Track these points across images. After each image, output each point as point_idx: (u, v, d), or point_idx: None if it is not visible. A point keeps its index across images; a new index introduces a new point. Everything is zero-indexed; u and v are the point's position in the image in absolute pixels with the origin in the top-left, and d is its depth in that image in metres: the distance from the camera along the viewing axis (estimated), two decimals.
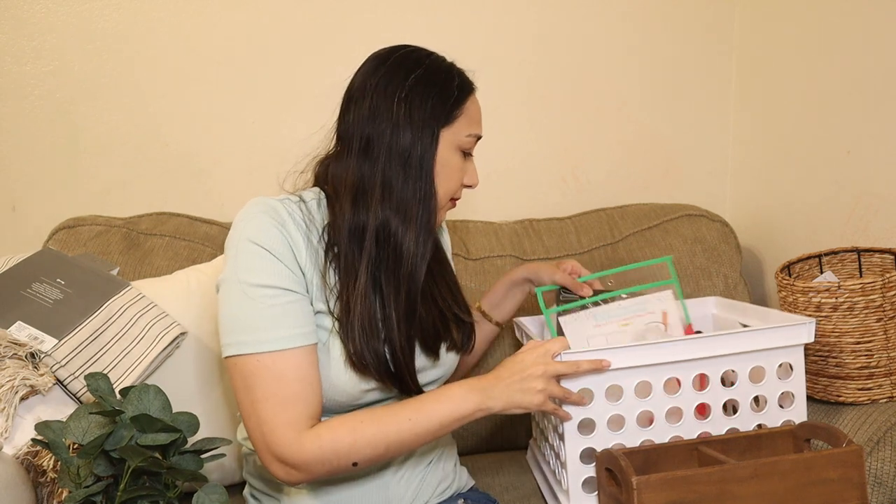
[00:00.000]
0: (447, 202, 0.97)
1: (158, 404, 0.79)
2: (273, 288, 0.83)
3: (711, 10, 1.65)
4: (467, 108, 0.95)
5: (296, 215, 0.88)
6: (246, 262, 0.84)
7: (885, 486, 0.97)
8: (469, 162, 0.99)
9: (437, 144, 0.92)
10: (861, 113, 1.29)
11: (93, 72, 1.48)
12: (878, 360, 1.09)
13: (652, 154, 1.68)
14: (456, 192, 0.97)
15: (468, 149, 0.97)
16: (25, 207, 1.50)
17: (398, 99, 0.90)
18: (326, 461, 0.82)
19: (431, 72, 0.93)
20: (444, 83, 0.93)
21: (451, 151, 0.94)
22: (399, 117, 0.89)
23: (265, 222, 0.85)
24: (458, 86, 0.94)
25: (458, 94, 0.93)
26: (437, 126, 0.91)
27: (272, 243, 0.84)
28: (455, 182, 0.96)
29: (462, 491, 1.06)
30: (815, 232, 1.42)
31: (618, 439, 0.94)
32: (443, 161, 0.93)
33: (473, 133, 0.96)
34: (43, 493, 0.88)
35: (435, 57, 0.96)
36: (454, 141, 0.94)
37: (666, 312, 1.07)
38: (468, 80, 0.97)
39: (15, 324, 1.00)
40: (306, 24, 1.53)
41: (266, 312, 0.83)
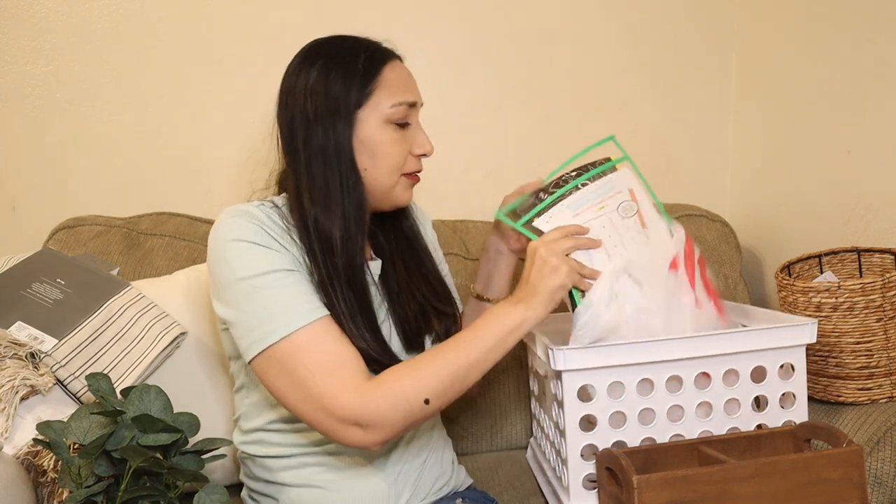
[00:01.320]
0: (398, 178, 0.94)
1: (159, 405, 0.79)
2: (277, 271, 0.84)
3: (711, 10, 1.65)
4: (383, 79, 0.91)
5: (273, 217, 0.90)
6: (238, 260, 0.84)
7: (885, 486, 0.98)
8: (412, 131, 0.95)
9: (353, 129, 0.90)
10: (861, 113, 1.29)
11: (93, 72, 1.48)
12: (878, 360, 1.09)
13: (652, 154, 1.68)
14: (404, 166, 0.94)
15: (400, 119, 0.92)
16: (25, 207, 1.50)
17: (305, 94, 0.91)
18: (398, 407, 0.81)
19: (334, 57, 0.92)
20: (347, 64, 0.91)
21: (378, 128, 0.91)
22: (308, 113, 0.90)
23: (240, 222, 0.86)
24: (366, 60, 0.91)
25: (366, 69, 0.91)
26: (349, 110, 0.90)
27: (255, 236, 0.85)
28: (395, 157, 0.93)
29: (460, 489, 1.06)
30: (815, 232, 1.42)
31: (619, 436, 0.94)
32: (371, 141, 0.91)
33: (399, 101, 0.92)
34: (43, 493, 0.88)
35: (340, 40, 0.94)
36: (378, 116, 0.91)
37: (632, 189, 1.02)
38: (381, 51, 0.94)
39: (15, 324, 1.00)
40: (306, 23, 1.53)
41: (281, 294, 0.83)
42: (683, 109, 1.68)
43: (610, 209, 0.99)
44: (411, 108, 0.94)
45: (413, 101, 0.94)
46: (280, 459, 0.95)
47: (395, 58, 0.95)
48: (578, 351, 0.90)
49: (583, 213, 0.99)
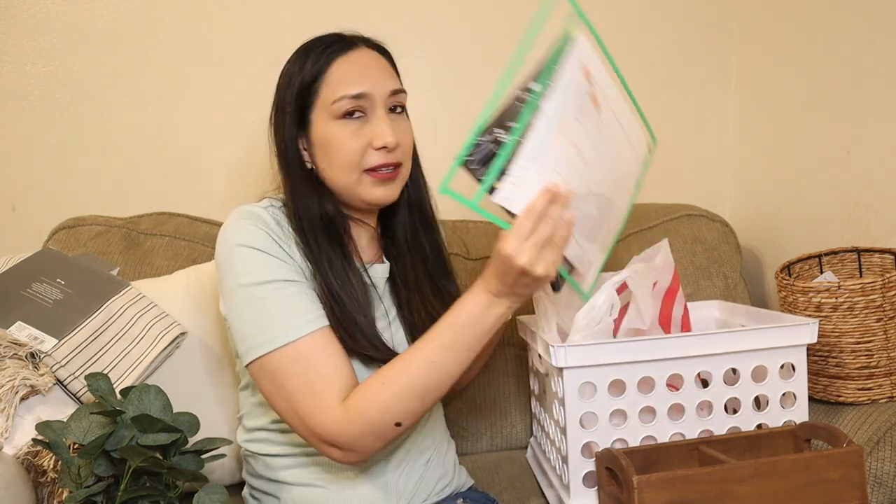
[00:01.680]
0: (358, 175, 0.90)
1: (159, 404, 0.79)
2: (275, 282, 0.84)
3: (711, 9, 1.65)
4: (328, 76, 0.90)
5: (279, 217, 0.92)
6: (242, 266, 0.85)
7: (885, 486, 0.98)
8: (370, 123, 0.90)
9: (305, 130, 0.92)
10: (861, 113, 1.29)
11: (93, 72, 1.48)
12: (878, 360, 1.09)
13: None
14: (362, 161, 0.89)
15: (347, 111, 0.89)
16: (25, 207, 1.50)
17: (273, 105, 0.95)
18: (367, 432, 0.81)
19: (293, 63, 0.94)
20: (300, 68, 0.92)
21: (327, 125, 0.90)
22: (276, 121, 0.94)
23: (248, 226, 0.87)
24: (315, 59, 0.91)
25: (313, 70, 0.91)
26: (298, 111, 0.91)
27: (260, 242, 0.86)
28: (349, 153, 0.89)
29: (461, 490, 1.06)
30: (815, 232, 1.42)
31: (619, 434, 0.94)
32: (323, 139, 0.90)
33: (340, 96, 0.88)
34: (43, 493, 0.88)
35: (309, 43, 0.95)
36: (327, 114, 0.90)
37: (588, 70, 0.84)
38: (337, 45, 0.92)
39: (15, 324, 1.00)
40: (307, 23, 1.53)
41: (276, 306, 0.84)
42: (683, 109, 1.68)
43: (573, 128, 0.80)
44: (361, 100, 0.89)
45: (360, 93, 0.89)
46: (282, 458, 0.95)
47: (356, 47, 0.93)
48: (580, 348, 0.91)
49: (551, 155, 0.78)
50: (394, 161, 0.91)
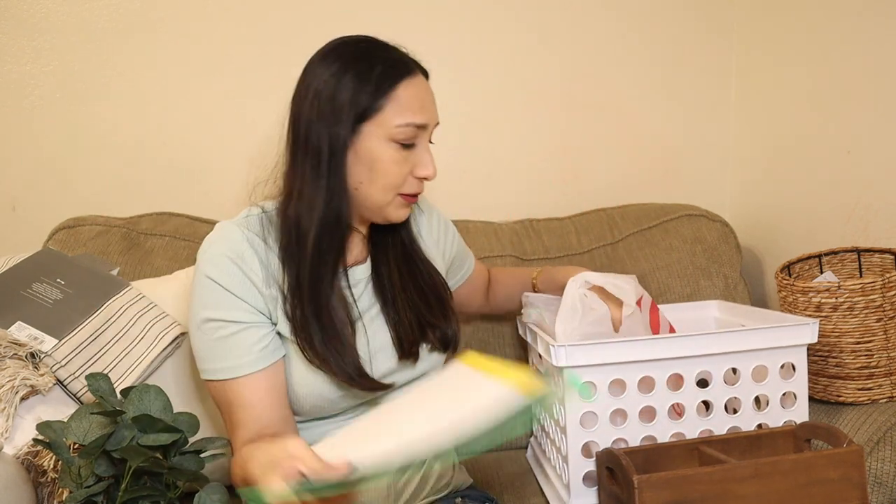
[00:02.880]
0: (392, 198, 0.91)
1: (159, 405, 0.79)
2: (219, 321, 0.87)
3: (711, 9, 1.65)
4: (395, 96, 0.87)
5: (254, 235, 0.91)
6: (200, 297, 0.88)
7: (885, 486, 0.98)
8: (417, 152, 0.91)
9: (352, 140, 0.87)
10: (861, 113, 1.29)
11: (93, 72, 1.48)
12: (878, 360, 1.09)
13: (652, 154, 1.68)
14: (402, 186, 0.90)
15: (405, 140, 0.88)
16: (25, 207, 1.50)
17: (313, 95, 0.88)
18: (236, 481, 0.82)
19: (350, 63, 0.88)
20: (361, 74, 0.87)
21: (380, 145, 0.88)
22: (312, 114, 0.88)
23: (220, 259, 0.88)
24: (380, 74, 0.87)
25: (378, 83, 0.87)
26: (352, 120, 0.87)
27: (224, 278, 0.88)
28: (394, 177, 0.89)
29: (460, 489, 1.06)
30: (815, 232, 1.42)
31: (619, 434, 0.94)
32: (369, 156, 0.88)
33: (406, 122, 0.87)
34: (43, 493, 0.88)
35: (364, 45, 0.90)
36: (383, 133, 0.87)
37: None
38: (401, 65, 0.89)
39: (15, 324, 1.00)
40: (306, 23, 1.53)
41: (211, 345, 0.88)
42: (683, 109, 1.68)
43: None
44: (420, 130, 0.89)
45: (423, 123, 0.89)
46: None
47: (416, 73, 0.90)
48: (580, 347, 0.91)
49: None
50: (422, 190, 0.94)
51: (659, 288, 1.41)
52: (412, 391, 0.77)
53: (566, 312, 1.01)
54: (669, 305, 1.27)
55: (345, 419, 0.96)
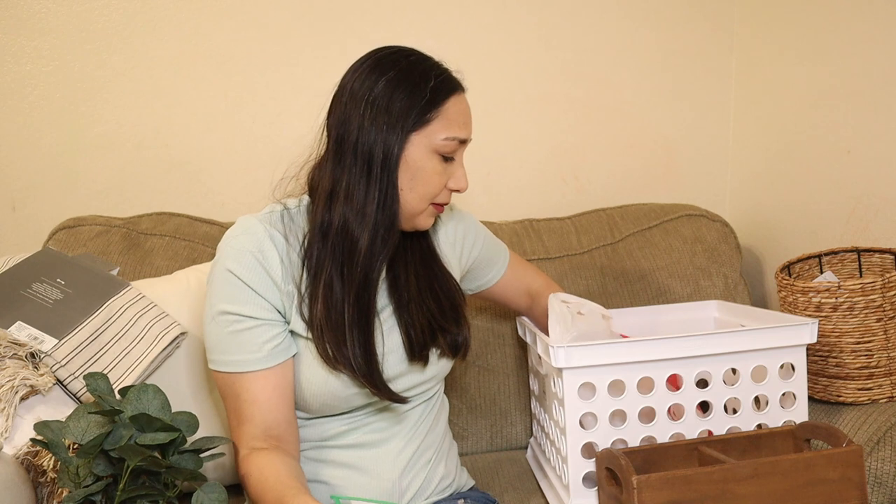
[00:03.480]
0: (426, 206, 0.94)
1: (157, 404, 0.79)
2: (235, 315, 0.89)
3: (711, 9, 1.65)
4: (445, 110, 0.91)
5: (276, 231, 0.92)
6: (218, 288, 0.90)
7: (885, 486, 0.97)
8: (453, 165, 0.95)
9: (403, 148, 0.90)
10: (861, 113, 1.29)
11: (93, 72, 1.48)
12: (878, 360, 1.09)
13: (652, 154, 1.68)
14: (437, 196, 0.94)
15: (448, 153, 0.92)
16: (25, 207, 1.50)
17: (366, 101, 0.90)
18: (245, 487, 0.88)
19: (405, 73, 0.91)
20: (415, 85, 0.90)
21: (425, 155, 0.91)
22: (365, 120, 0.89)
23: (242, 253, 0.89)
24: (434, 88, 0.91)
25: (432, 97, 0.90)
26: (405, 129, 0.89)
27: (244, 272, 0.89)
28: (433, 187, 0.93)
29: (462, 490, 1.07)
30: (815, 232, 1.42)
31: (619, 434, 0.94)
32: (415, 165, 0.91)
33: (452, 136, 0.91)
34: (43, 493, 0.88)
35: (415, 58, 0.93)
36: (429, 144, 0.91)
37: None
38: (450, 81, 0.93)
39: (15, 324, 1.00)
40: (306, 23, 1.53)
41: (223, 337, 0.89)
42: (683, 109, 1.68)
43: None
44: (461, 144, 0.94)
45: (465, 139, 0.94)
46: None
47: (461, 90, 0.95)
48: (580, 348, 0.91)
49: None
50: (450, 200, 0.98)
51: (659, 288, 1.41)
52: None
53: (556, 319, 1.04)
54: (669, 305, 1.27)
55: (352, 417, 0.96)
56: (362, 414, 0.97)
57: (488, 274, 1.18)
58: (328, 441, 0.96)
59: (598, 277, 1.43)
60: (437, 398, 1.06)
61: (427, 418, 1.02)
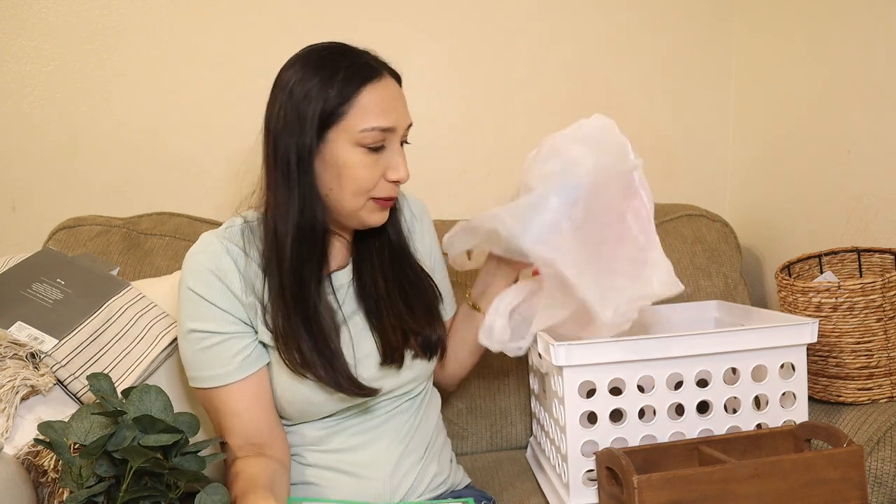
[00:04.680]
0: (363, 202, 0.91)
1: (160, 405, 0.79)
2: (201, 332, 0.90)
3: (711, 10, 1.65)
4: (358, 101, 0.87)
5: (234, 245, 0.92)
6: (184, 307, 0.91)
7: (885, 486, 0.98)
8: (388, 155, 0.91)
9: (319, 147, 0.88)
10: (861, 113, 1.29)
11: (93, 72, 1.48)
12: (878, 360, 1.09)
13: (652, 154, 1.68)
14: (372, 190, 0.90)
15: (372, 144, 0.88)
16: (25, 207, 1.50)
17: (281, 102, 0.89)
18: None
19: (314, 70, 0.88)
20: (324, 81, 0.87)
21: (347, 150, 0.88)
22: (280, 120, 0.89)
23: (200, 270, 0.90)
24: (343, 80, 0.87)
25: (341, 89, 0.86)
26: (318, 128, 0.87)
27: (204, 289, 0.90)
28: (363, 182, 0.89)
29: (457, 488, 1.07)
30: (815, 232, 1.42)
31: (619, 433, 0.95)
32: (337, 162, 0.88)
33: (370, 127, 0.87)
34: (44, 493, 0.88)
35: (326, 52, 0.90)
36: (349, 138, 0.87)
37: None
38: (363, 69, 0.88)
39: (15, 324, 1.00)
40: (306, 23, 1.53)
41: (195, 354, 0.91)
42: (683, 109, 1.68)
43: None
44: (387, 133, 0.89)
45: (388, 127, 0.89)
46: None
47: (382, 77, 0.90)
48: (580, 346, 0.91)
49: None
50: (397, 193, 0.94)
51: None
52: None
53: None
54: (669, 305, 1.27)
55: (333, 421, 0.96)
56: (342, 417, 0.97)
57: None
58: (313, 446, 0.96)
59: None
60: (422, 397, 1.05)
61: (412, 418, 1.01)
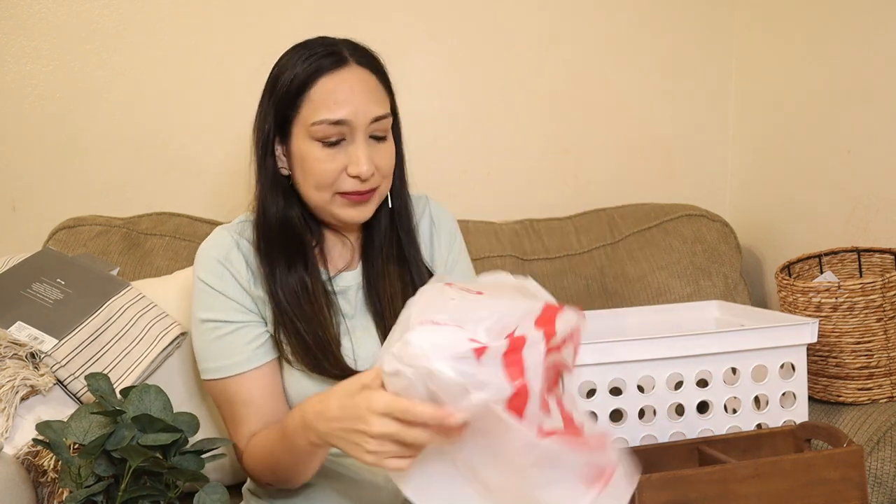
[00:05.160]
0: (328, 196, 0.89)
1: (159, 404, 0.79)
2: (213, 322, 0.90)
3: (711, 10, 1.65)
4: (310, 95, 0.86)
5: (244, 240, 0.93)
6: (196, 298, 0.92)
7: (885, 486, 0.98)
8: (351, 148, 0.87)
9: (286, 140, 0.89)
10: (861, 113, 1.29)
11: (93, 72, 1.48)
12: (878, 360, 1.09)
13: (652, 154, 1.68)
14: (334, 184, 0.88)
15: (325, 137, 0.86)
16: (25, 207, 1.50)
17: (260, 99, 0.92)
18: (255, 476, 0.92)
19: (278, 72, 0.90)
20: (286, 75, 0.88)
21: (305, 143, 0.87)
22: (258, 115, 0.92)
23: (210, 262, 0.92)
24: (297, 74, 0.87)
25: (299, 82, 0.86)
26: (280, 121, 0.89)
27: (214, 280, 0.91)
28: (321, 175, 0.87)
29: None
30: (815, 232, 1.42)
31: (619, 433, 0.94)
32: (299, 155, 0.88)
33: (320, 120, 0.85)
34: (43, 493, 0.88)
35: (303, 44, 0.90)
36: (305, 132, 0.87)
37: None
38: (315, 63, 0.87)
39: (15, 324, 1.00)
40: (306, 23, 1.53)
41: (208, 345, 0.91)
42: (683, 109, 1.67)
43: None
44: (340, 126, 0.86)
45: (340, 119, 0.85)
46: None
47: (343, 66, 0.87)
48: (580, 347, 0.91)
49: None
50: (367, 188, 0.89)
51: (659, 288, 1.41)
52: None
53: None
54: (669, 305, 1.27)
55: None
56: None
57: None
58: None
59: (597, 277, 1.43)
60: None
61: None
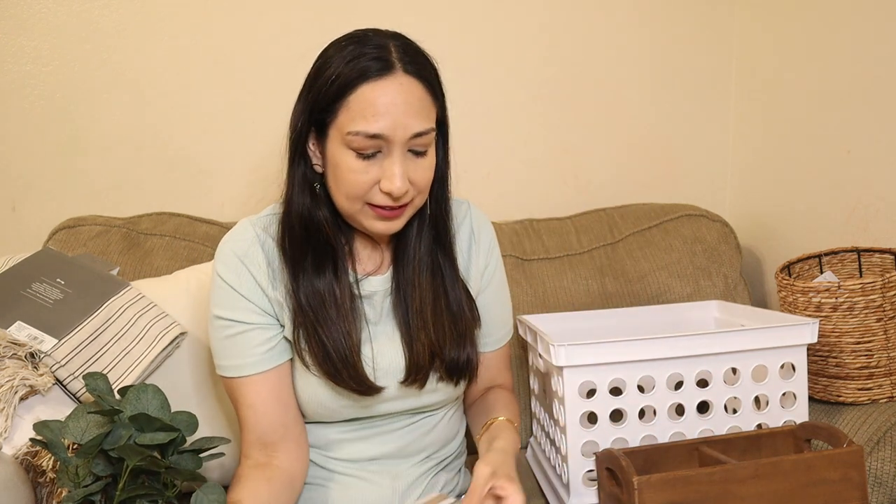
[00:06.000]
0: (358, 207, 0.84)
1: (157, 403, 0.79)
2: (226, 320, 0.89)
3: (711, 10, 1.65)
4: (349, 101, 0.79)
5: (268, 236, 0.91)
6: (213, 293, 0.91)
7: (885, 486, 0.97)
8: (385, 163, 0.82)
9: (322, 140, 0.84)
10: (861, 113, 1.29)
11: (93, 72, 1.48)
12: (878, 360, 1.08)
13: (652, 154, 1.68)
14: (364, 196, 0.83)
15: (359, 149, 0.80)
16: (25, 207, 1.50)
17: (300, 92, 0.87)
18: None
19: (325, 59, 0.83)
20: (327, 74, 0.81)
21: (340, 150, 0.82)
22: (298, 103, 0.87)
23: (229, 257, 0.89)
24: (338, 74, 0.80)
25: (338, 85, 0.80)
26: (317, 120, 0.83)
27: (231, 276, 0.89)
28: (352, 186, 0.82)
29: (463, 492, 1.06)
30: (815, 232, 1.42)
31: (619, 433, 0.94)
32: (333, 160, 0.83)
33: (356, 131, 0.79)
34: (42, 493, 0.88)
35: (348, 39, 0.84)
36: (340, 139, 0.81)
37: None
38: (358, 67, 0.80)
39: (15, 324, 1.00)
40: (306, 23, 1.53)
41: (219, 342, 0.91)
42: (683, 109, 1.67)
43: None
44: (377, 140, 0.80)
45: (377, 133, 0.79)
46: None
47: (389, 74, 0.80)
48: (581, 347, 0.91)
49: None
50: (400, 203, 0.84)
51: (659, 288, 1.41)
52: None
53: None
54: (669, 305, 1.27)
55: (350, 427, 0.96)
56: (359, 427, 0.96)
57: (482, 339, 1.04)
58: (326, 449, 0.96)
59: (597, 277, 1.43)
60: (446, 419, 1.01)
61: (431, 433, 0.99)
